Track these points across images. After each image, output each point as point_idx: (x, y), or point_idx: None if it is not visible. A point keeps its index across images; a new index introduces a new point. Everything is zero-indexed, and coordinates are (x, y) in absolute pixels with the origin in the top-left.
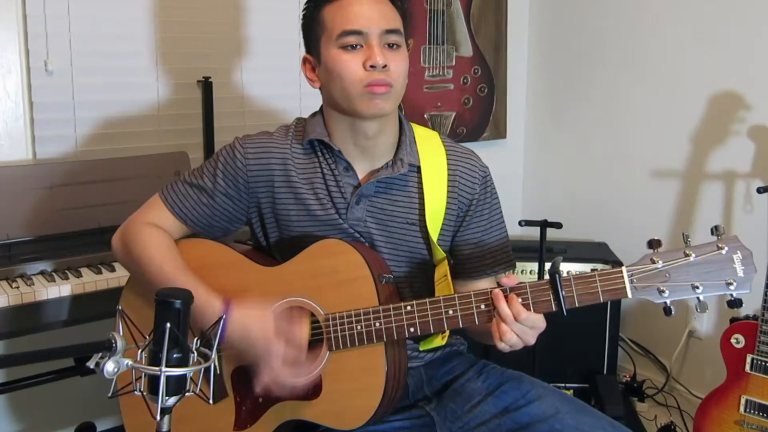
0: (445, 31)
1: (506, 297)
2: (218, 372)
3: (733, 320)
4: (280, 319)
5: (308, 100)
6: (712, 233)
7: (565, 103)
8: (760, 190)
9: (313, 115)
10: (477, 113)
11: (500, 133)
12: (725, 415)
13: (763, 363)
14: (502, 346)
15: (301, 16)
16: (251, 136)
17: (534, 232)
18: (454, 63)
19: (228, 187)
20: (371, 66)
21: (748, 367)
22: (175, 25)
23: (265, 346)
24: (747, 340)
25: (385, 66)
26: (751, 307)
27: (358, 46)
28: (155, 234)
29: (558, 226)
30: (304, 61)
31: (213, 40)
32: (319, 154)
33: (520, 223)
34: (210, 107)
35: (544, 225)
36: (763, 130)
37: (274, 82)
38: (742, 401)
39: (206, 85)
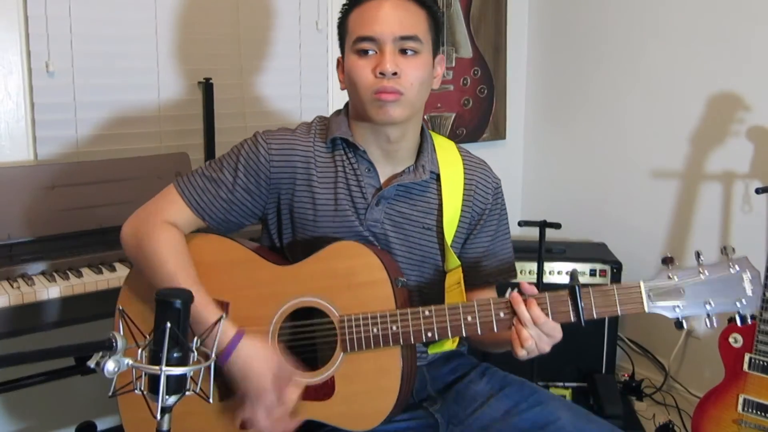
0: (445, 32)
1: (525, 301)
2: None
3: (731, 320)
4: (281, 369)
5: (308, 102)
6: (722, 253)
7: (565, 104)
8: (758, 191)
9: (337, 113)
10: (476, 114)
11: (500, 133)
12: (723, 414)
13: (761, 362)
14: (523, 354)
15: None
16: (273, 131)
17: (533, 233)
18: (453, 64)
19: (249, 182)
20: (381, 73)
21: (746, 367)
22: (176, 26)
23: (257, 392)
24: (745, 339)
25: (395, 73)
26: None
27: (372, 52)
28: (171, 235)
29: (557, 226)
30: (338, 63)
31: (214, 41)
32: (342, 152)
33: (519, 224)
34: (211, 108)
35: (543, 225)
36: (761, 131)
37: (274, 84)
38: (740, 400)
39: (207, 87)
